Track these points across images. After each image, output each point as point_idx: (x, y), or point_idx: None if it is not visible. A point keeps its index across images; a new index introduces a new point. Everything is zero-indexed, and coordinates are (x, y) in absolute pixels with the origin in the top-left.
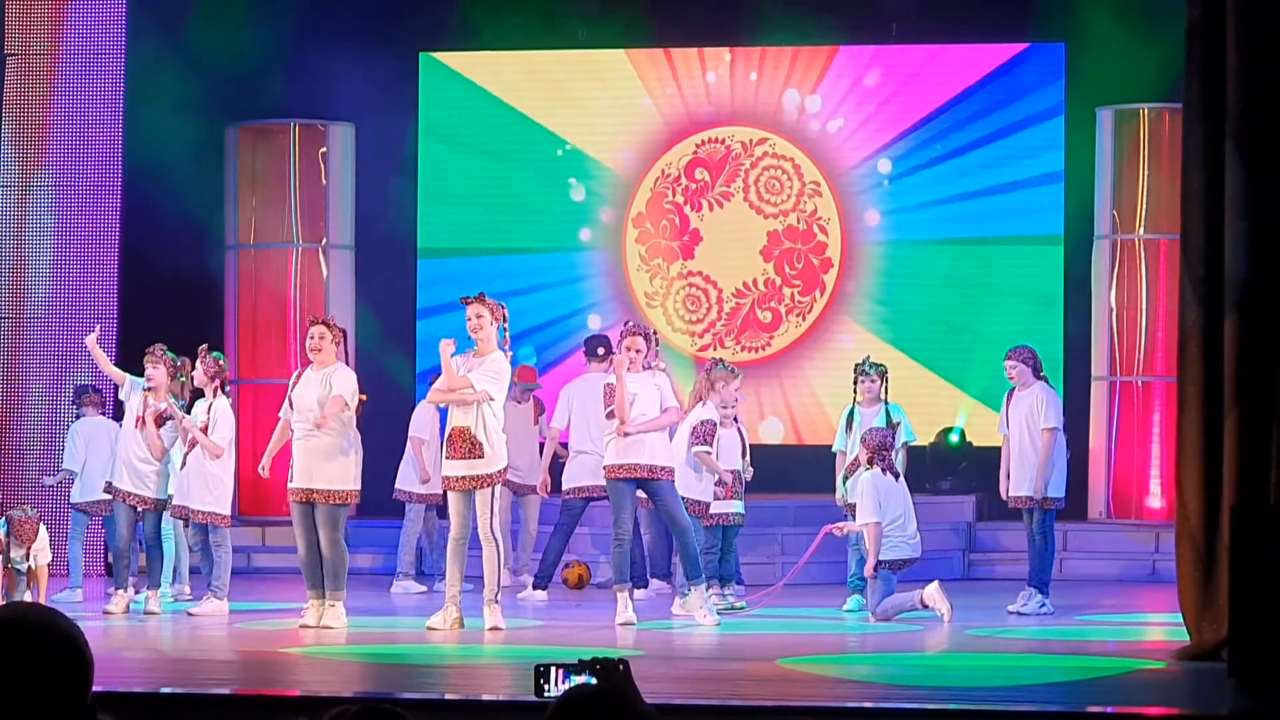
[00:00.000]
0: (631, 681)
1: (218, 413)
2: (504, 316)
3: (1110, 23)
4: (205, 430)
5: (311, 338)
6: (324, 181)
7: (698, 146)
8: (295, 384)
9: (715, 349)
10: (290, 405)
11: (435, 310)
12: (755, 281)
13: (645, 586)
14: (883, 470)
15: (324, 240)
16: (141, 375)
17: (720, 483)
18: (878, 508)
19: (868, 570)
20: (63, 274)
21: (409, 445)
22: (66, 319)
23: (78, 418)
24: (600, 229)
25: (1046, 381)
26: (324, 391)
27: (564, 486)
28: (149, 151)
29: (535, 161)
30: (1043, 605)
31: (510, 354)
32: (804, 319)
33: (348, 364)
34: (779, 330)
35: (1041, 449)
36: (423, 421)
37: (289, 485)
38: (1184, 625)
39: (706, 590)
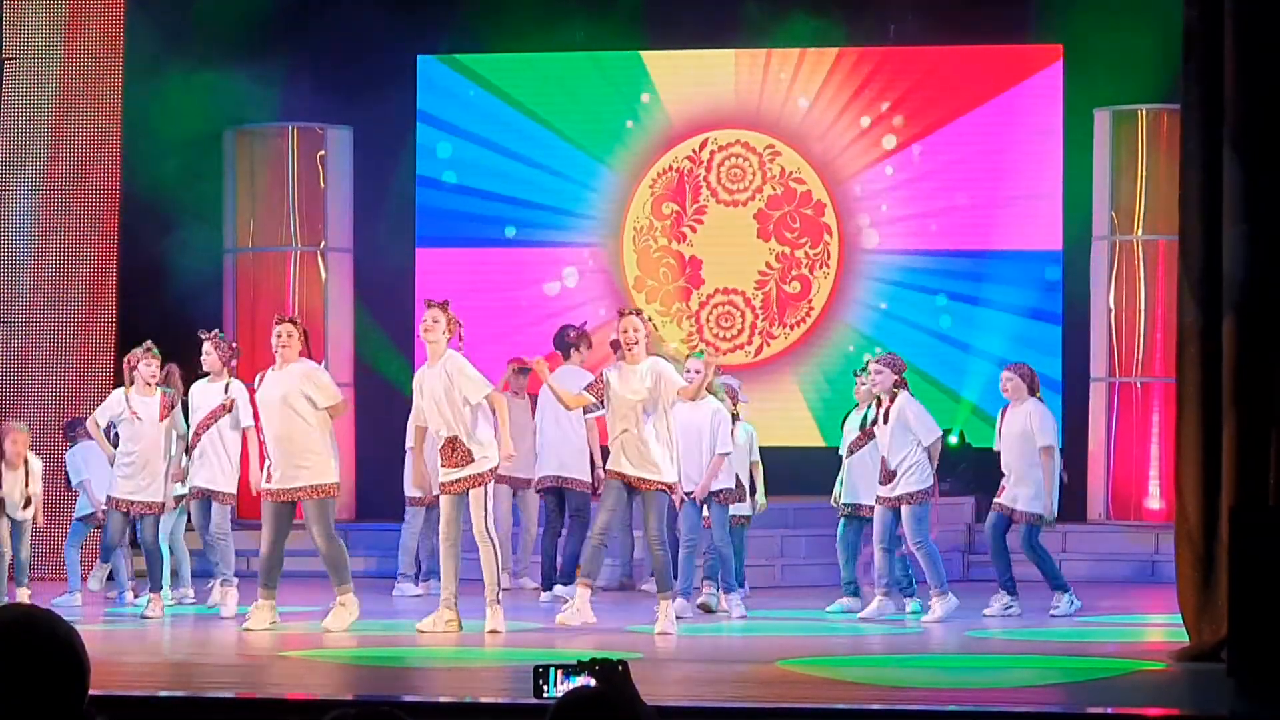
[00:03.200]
0: (631, 683)
1: (235, 392)
2: (455, 326)
3: (1108, 24)
4: (227, 408)
5: (279, 335)
6: (322, 185)
7: (652, 186)
8: (259, 386)
9: (767, 345)
10: (256, 407)
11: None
12: (768, 264)
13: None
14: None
15: (322, 243)
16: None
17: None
18: (933, 424)
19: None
20: (61, 276)
21: (409, 456)
22: (65, 321)
23: (72, 445)
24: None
25: (1041, 400)
26: (292, 388)
27: (541, 473)
28: (147, 154)
29: (535, 162)
30: (1072, 603)
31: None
32: (828, 267)
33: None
34: (813, 291)
35: (1044, 468)
36: (415, 431)
37: (267, 485)
38: (1183, 626)
39: (724, 594)
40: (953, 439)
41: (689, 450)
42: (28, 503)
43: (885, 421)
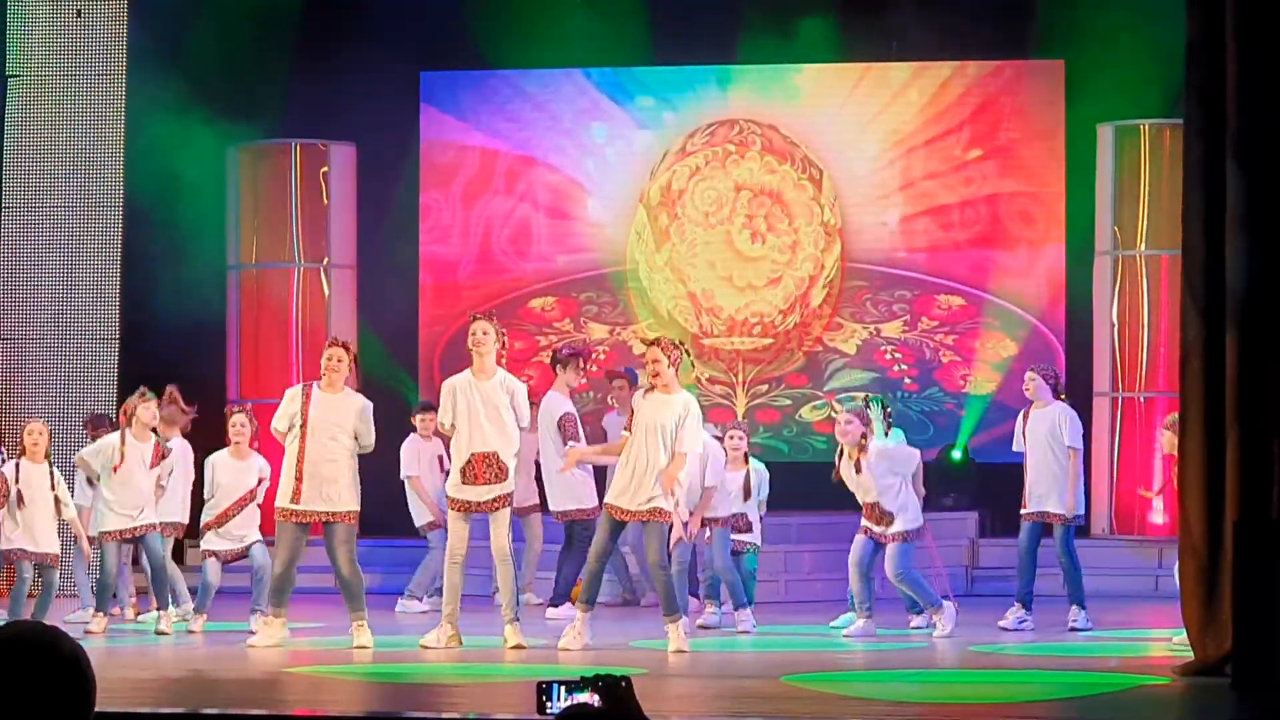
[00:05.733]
0: (634, 699)
1: (260, 469)
2: (504, 342)
3: (1109, 39)
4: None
5: (329, 358)
6: (325, 201)
7: (639, 240)
8: (307, 403)
9: (808, 336)
10: (301, 421)
11: (437, 331)
12: (775, 263)
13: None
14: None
15: (326, 260)
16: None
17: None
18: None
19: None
20: (65, 296)
21: (408, 486)
22: (68, 341)
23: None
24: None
25: (1066, 402)
26: (345, 419)
27: (552, 508)
28: (151, 172)
29: (538, 174)
30: (1088, 620)
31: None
32: (828, 234)
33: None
34: (828, 262)
35: (1070, 468)
36: (411, 458)
37: (292, 505)
38: (1187, 640)
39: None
40: (956, 454)
41: (684, 488)
42: (57, 504)
43: (857, 471)
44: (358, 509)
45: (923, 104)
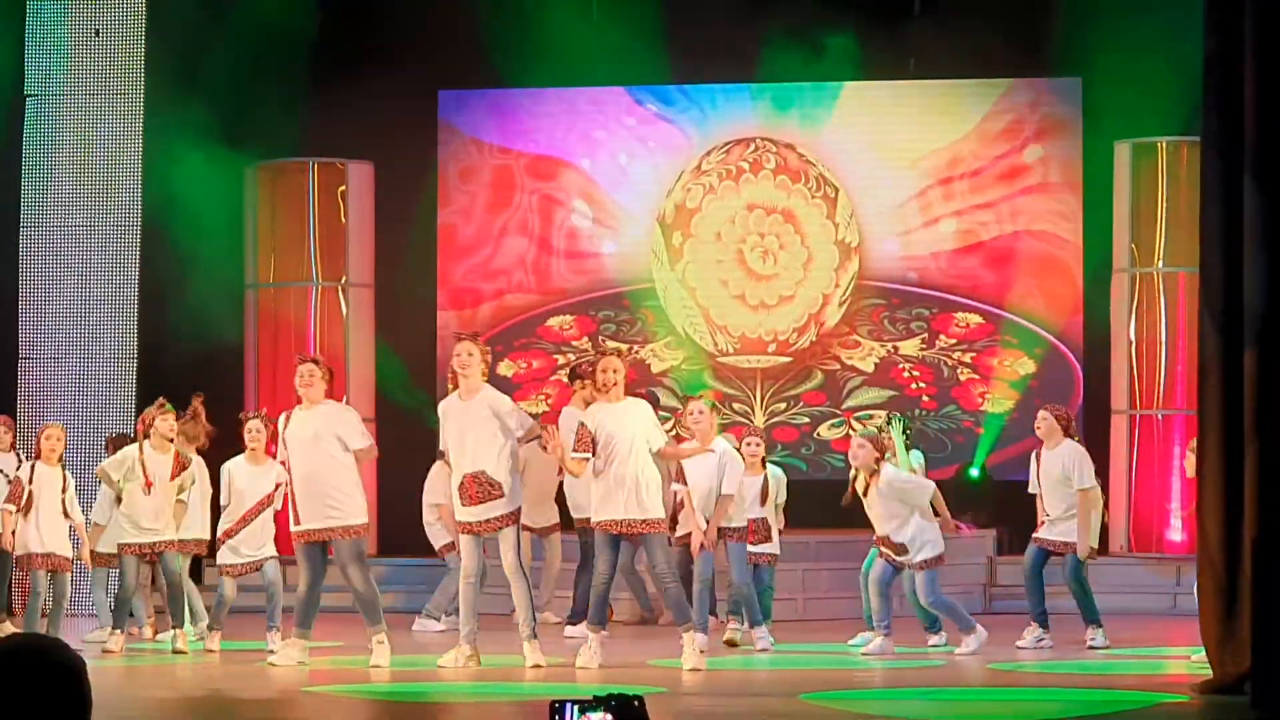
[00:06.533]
0: (647, 718)
1: (279, 476)
2: (488, 361)
3: (1127, 56)
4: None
5: (301, 375)
6: (343, 220)
7: (655, 266)
8: (286, 425)
9: (833, 345)
10: (284, 446)
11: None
12: (787, 281)
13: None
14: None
15: (344, 279)
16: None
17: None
18: (921, 483)
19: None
20: (82, 314)
21: (435, 511)
22: (86, 359)
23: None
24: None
25: (1077, 441)
26: (323, 427)
27: (574, 514)
28: (168, 190)
29: (556, 191)
30: (1105, 638)
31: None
32: (843, 252)
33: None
34: (848, 273)
35: (1081, 508)
36: (439, 485)
37: (297, 527)
38: (1206, 658)
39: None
40: (973, 472)
41: (700, 493)
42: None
43: (865, 494)
44: (362, 520)
45: (940, 121)
